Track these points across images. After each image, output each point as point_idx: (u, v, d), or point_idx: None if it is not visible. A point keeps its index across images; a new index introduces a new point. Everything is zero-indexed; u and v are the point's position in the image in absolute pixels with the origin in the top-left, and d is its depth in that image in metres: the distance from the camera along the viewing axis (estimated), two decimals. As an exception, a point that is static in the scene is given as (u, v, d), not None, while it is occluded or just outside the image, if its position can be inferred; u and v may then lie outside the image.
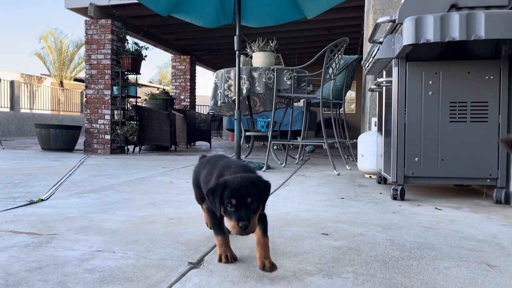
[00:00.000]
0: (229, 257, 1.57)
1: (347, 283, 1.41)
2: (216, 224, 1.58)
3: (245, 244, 1.81)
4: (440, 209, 2.70)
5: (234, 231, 1.34)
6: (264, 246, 1.50)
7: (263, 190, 1.42)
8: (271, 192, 1.61)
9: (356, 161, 4.64)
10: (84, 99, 8.48)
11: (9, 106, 17.03)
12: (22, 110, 17.77)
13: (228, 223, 1.38)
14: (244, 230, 1.32)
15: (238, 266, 1.53)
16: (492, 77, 2.88)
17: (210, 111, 5.70)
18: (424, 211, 2.63)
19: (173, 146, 9.21)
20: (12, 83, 17.31)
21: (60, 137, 8.23)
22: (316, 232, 2.09)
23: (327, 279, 1.45)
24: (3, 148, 8.62)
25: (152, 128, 8.53)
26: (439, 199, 3.09)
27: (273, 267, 1.47)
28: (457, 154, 2.94)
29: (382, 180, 3.88)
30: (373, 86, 3.68)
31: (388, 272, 1.51)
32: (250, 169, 1.63)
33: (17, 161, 5.93)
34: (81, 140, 8.59)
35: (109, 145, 8.17)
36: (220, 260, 1.58)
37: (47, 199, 2.98)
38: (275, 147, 9.04)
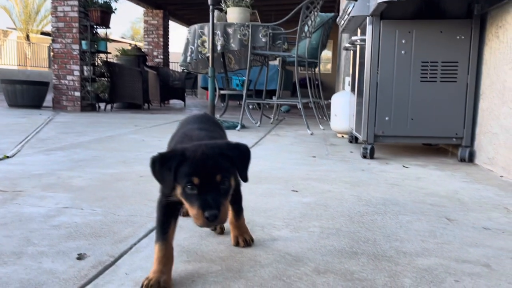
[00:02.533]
0: (161, 285, 1.04)
1: (313, 236, 1.45)
2: (161, 221, 1.12)
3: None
4: (407, 167, 2.78)
5: (198, 222, 0.98)
6: (239, 226, 1.35)
7: (239, 160, 1.07)
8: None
9: (330, 121, 4.68)
10: (52, 53, 8.11)
11: (-29, 60, 16.18)
12: (-15, 65, 16.92)
13: (189, 211, 1.01)
14: (212, 222, 0.97)
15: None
16: (463, 37, 2.90)
17: (181, 67, 5.56)
18: (391, 169, 2.70)
19: (146, 104, 9.03)
20: (-27, 35, 16.35)
21: (27, 93, 7.91)
22: (286, 189, 2.12)
23: (294, 233, 1.48)
24: (-34, 104, 8.26)
25: (124, 85, 8.30)
26: (407, 157, 3.17)
27: (246, 243, 1.34)
28: (426, 114, 2.99)
29: (354, 139, 3.94)
30: (348, 45, 3.65)
31: (353, 226, 1.56)
32: (223, 135, 1.36)
33: (-19, 118, 5.71)
34: (49, 97, 8.30)
35: (79, 103, 7.92)
36: None
37: (12, 156, 2.90)
38: (250, 106, 8.99)
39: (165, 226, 1.11)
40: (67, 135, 4.13)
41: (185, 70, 5.95)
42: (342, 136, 4.45)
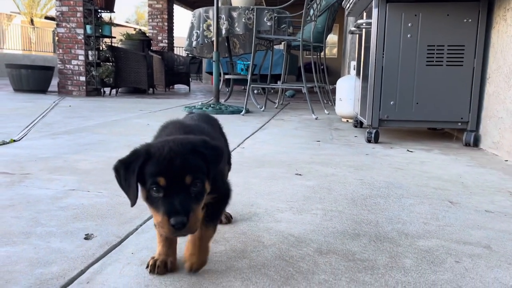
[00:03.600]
0: (168, 265, 1.04)
1: (316, 219, 1.46)
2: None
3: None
4: (411, 151, 2.78)
5: (162, 231, 0.86)
6: (199, 243, 1.02)
7: (212, 159, 0.93)
8: (248, 135, 1.46)
9: (335, 105, 4.67)
10: (56, 38, 8.10)
11: (-24, 45, 16.19)
12: (-9, 50, 16.93)
13: (154, 218, 0.90)
14: (178, 231, 0.84)
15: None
16: (470, 20, 2.86)
17: (185, 51, 5.54)
18: (396, 153, 2.71)
19: (150, 89, 9.03)
20: (-22, 20, 16.32)
21: (33, 78, 7.93)
22: (290, 172, 2.13)
23: (297, 215, 1.50)
24: (-27, 89, 8.30)
25: (129, 70, 8.29)
26: (412, 142, 3.16)
27: (199, 267, 1.05)
28: (431, 98, 2.97)
29: (359, 124, 3.93)
30: (353, 28, 3.62)
31: (356, 208, 1.57)
32: (205, 130, 1.13)
33: (-13, 102, 5.74)
34: (54, 82, 8.31)
35: (84, 87, 7.93)
36: (148, 267, 1.06)
37: (19, 140, 2.93)
38: (255, 91, 8.97)
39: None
40: (72, 120, 4.16)
41: (190, 55, 5.94)
42: (347, 120, 4.44)
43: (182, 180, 0.86)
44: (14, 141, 2.90)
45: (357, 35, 3.96)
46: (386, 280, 1.03)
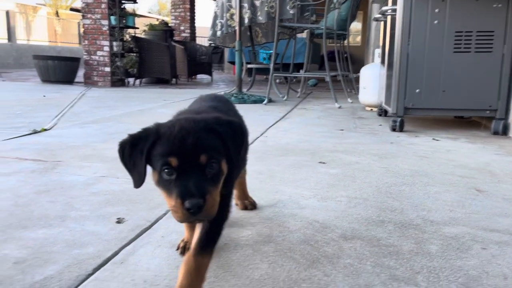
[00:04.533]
0: None
1: (340, 205, 1.48)
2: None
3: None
4: (437, 140, 2.74)
5: (176, 215, 0.78)
6: (194, 270, 0.87)
7: (230, 139, 0.85)
8: (271, 124, 1.43)
9: (358, 94, 4.63)
10: (82, 29, 8.26)
11: (6, 37, 16.64)
12: (19, 42, 17.37)
13: (167, 203, 0.81)
14: (194, 215, 0.76)
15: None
16: (500, 5, 2.78)
17: (209, 41, 5.57)
18: (421, 142, 2.68)
19: (173, 79, 9.12)
20: (7, 13, 16.75)
21: (59, 69, 8.12)
22: (313, 161, 2.14)
23: (321, 202, 1.51)
24: (3, 80, 8.56)
25: (152, 60, 8.39)
26: (438, 130, 3.12)
27: None
28: (458, 86, 2.92)
29: (383, 113, 3.89)
30: (378, 15, 3.57)
31: (381, 196, 1.58)
32: (226, 108, 1.12)
33: (17, 93, 5.92)
34: (80, 73, 8.49)
35: (109, 78, 8.08)
36: (178, 250, 1.11)
37: (50, 129, 3.03)
38: (277, 80, 8.95)
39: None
40: (99, 109, 4.26)
41: (213, 44, 5.96)
42: (371, 109, 4.40)
43: (196, 160, 0.78)
44: (45, 130, 3.00)
45: (382, 22, 3.90)
46: (412, 265, 1.04)
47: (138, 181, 0.85)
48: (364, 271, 1.01)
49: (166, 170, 0.79)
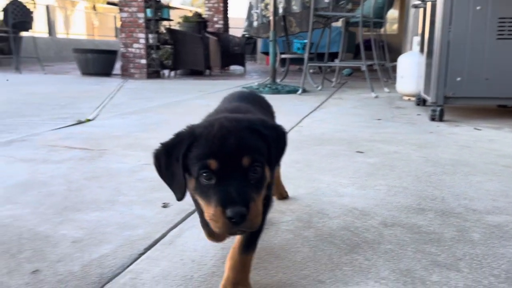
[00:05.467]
0: None
1: (379, 194, 1.48)
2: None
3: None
4: (479, 129, 2.67)
5: (216, 226, 0.70)
6: (240, 265, 0.87)
7: (274, 143, 0.78)
8: (306, 114, 1.43)
9: (395, 83, 4.54)
10: (119, 22, 8.48)
11: (47, 31, 17.27)
12: (59, 36, 18.00)
13: (205, 212, 0.73)
14: (236, 225, 0.68)
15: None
16: (549, -12, 2.66)
17: (244, 33, 5.60)
18: (462, 131, 2.62)
19: (207, 71, 9.23)
20: (47, 7, 17.36)
21: (98, 62, 8.39)
22: (350, 150, 2.15)
23: (360, 190, 1.53)
24: (46, 74, 8.94)
25: (187, 52, 8.51)
26: (479, 120, 3.03)
27: None
28: (502, 73, 2.82)
29: (422, 102, 3.81)
30: (417, 2, 3.48)
31: (420, 185, 1.57)
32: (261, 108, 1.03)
33: (59, 86, 6.18)
34: (117, 65, 8.74)
35: (145, 70, 8.27)
36: None
37: (93, 120, 3.16)
38: (311, 70, 8.88)
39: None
40: (137, 101, 4.39)
41: (247, 35, 5.98)
42: (409, 99, 4.31)
43: (238, 163, 0.70)
44: (89, 120, 3.14)
45: (421, 8, 3.80)
46: (453, 251, 1.04)
47: (180, 193, 0.77)
48: (405, 257, 1.02)
49: (204, 174, 0.71)
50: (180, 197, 0.79)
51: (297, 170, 1.78)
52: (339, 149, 2.16)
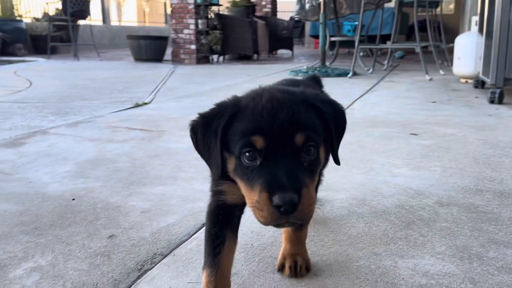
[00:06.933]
0: None
1: (435, 175, 1.48)
2: (211, 235, 0.75)
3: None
4: (542, 113, 2.54)
5: (261, 215, 0.59)
6: (296, 241, 0.87)
7: (333, 119, 0.67)
8: (357, 97, 1.42)
9: (452, 65, 4.36)
10: (169, 8, 8.68)
11: (101, 19, 17.98)
12: (112, 23, 18.67)
13: (246, 198, 0.63)
14: (286, 215, 0.57)
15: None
16: None
17: (296, 16, 5.56)
18: (523, 114, 2.51)
19: (255, 55, 9.27)
20: (101, -4, 18.02)
21: (150, 48, 8.67)
22: (404, 132, 2.12)
23: (414, 171, 1.52)
24: (101, 60, 9.36)
25: (235, 37, 8.59)
26: (543, 103, 2.88)
27: (294, 270, 0.86)
28: None
29: (480, 84, 3.65)
30: (477, -21, 3.31)
31: (478, 167, 1.54)
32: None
33: (115, 71, 6.47)
34: (168, 51, 8.98)
35: (194, 55, 8.45)
36: None
37: (149, 103, 3.31)
38: (361, 53, 8.68)
39: (217, 243, 0.74)
40: (189, 85, 4.52)
41: (296, 18, 5.94)
42: (466, 81, 4.14)
43: (290, 141, 0.59)
44: (146, 103, 3.29)
45: (481, -14, 3.62)
46: (511, 230, 1.04)
47: (217, 171, 0.66)
48: (461, 234, 1.03)
49: (247, 154, 0.60)
50: (217, 175, 0.67)
51: (350, 151, 1.80)
52: (392, 131, 2.14)
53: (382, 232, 1.06)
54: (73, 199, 1.32)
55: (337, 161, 0.69)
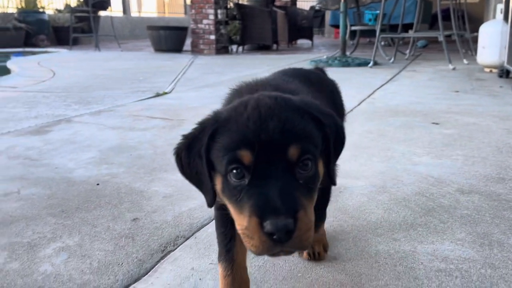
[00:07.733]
0: None
1: (456, 163, 1.46)
2: (222, 233, 0.71)
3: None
4: None
5: (251, 244, 0.52)
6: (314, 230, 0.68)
7: (332, 131, 0.59)
8: (378, 86, 1.41)
9: (475, 55, 4.26)
10: (189, -1, 8.69)
11: (121, 10, 18.15)
12: (132, 14, 18.82)
13: (236, 222, 0.56)
14: (280, 244, 0.50)
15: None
16: None
17: (317, 5, 5.51)
18: (550, 104, 2.44)
19: (274, 45, 9.22)
20: (122, -12, 18.16)
21: (170, 38, 8.72)
22: (426, 121, 2.10)
23: (435, 160, 1.51)
24: (122, 51, 9.47)
25: (254, 27, 8.56)
26: None
27: (313, 256, 0.85)
28: None
29: (504, 74, 3.55)
30: (504, -36, 3.21)
31: (501, 156, 1.52)
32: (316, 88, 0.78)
33: (135, 61, 6.54)
34: (187, 41, 9.02)
35: (214, 45, 8.46)
36: None
37: (170, 92, 3.35)
38: (382, 42, 8.54)
39: (227, 240, 0.70)
40: (209, 75, 4.55)
41: (316, 8, 5.89)
42: (491, 70, 4.04)
43: (283, 154, 0.51)
44: (166, 93, 3.33)
45: (508, -28, 3.51)
46: (536, 219, 1.02)
47: (210, 197, 0.59)
48: (482, 221, 1.02)
49: (234, 171, 0.52)
50: (210, 203, 0.59)
51: (370, 140, 1.79)
52: (413, 120, 2.12)
53: (401, 218, 1.06)
54: (98, 184, 1.36)
55: (333, 181, 0.61)
